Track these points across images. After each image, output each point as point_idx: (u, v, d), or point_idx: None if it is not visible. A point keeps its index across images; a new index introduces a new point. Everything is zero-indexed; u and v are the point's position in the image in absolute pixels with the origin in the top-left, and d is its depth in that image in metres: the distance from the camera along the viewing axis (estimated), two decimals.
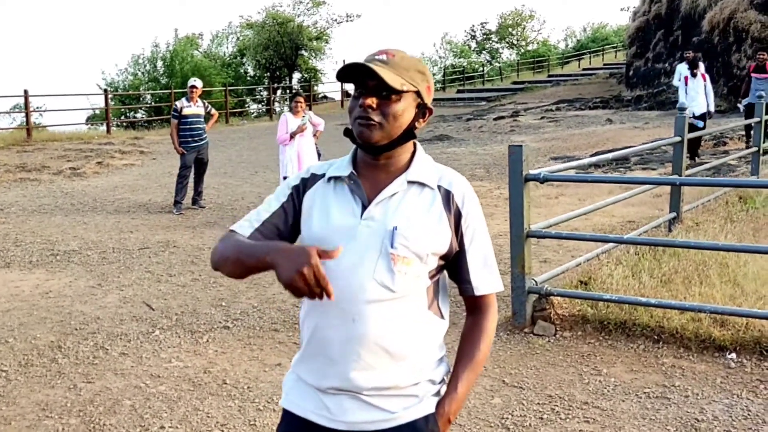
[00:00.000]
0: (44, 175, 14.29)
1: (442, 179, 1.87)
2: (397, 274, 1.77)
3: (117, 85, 35.88)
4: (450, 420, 1.85)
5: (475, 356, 1.88)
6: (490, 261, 1.90)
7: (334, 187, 1.87)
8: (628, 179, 8.73)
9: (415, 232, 1.78)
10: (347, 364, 1.78)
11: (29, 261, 7.73)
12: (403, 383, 1.81)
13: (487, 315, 1.91)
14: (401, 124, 1.81)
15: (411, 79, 1.81)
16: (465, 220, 1.85)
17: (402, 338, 1.79)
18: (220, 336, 5.36)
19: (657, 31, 28.18)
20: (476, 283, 1.88)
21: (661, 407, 4.05)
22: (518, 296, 5.33)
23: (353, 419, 1.80)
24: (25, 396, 4.39)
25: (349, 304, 1.77)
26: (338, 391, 1.80)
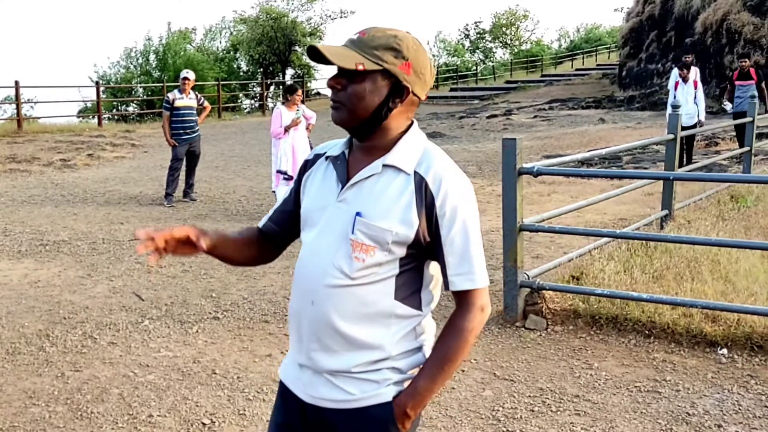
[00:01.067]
0: (34, 166, 14.21)
1: (420, 165, 1.76)
2: (354, 261, 1.73)
3: (109, 77, 35.75)
4: (407, 413, 1.78)
5: (443, 355, 1.77)
6: (470, 255, 1.77)
7: (327, 166, 1.88)
8: (622, 173, 8.76)
9: (378, 219, 1.72)
10: (310, 343, 1.81)
11: (18, 251, 7.67)
12: (362, 368, 1.78)
13: (465, 313, 1.79)
14: (367, 105, 1.73)
15: (377, 57, 1.72)
16: (439, 209, 1.74)
17: (360, 325, 1.75)
18: (209, 327, 5.32)
19: (650, 32, 28.27)
20: (452, 278, 1.77)
21: (652, 401, 4.04)
22: (510, 290, 5.32)
23: (317, 395, 1.82)
24: (12, 384, 4.34)
25: (311, 286, 1.79)
26: (306, 367, 1.84)
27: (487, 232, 8.43)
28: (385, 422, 1.78)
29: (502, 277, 5.61)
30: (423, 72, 1.79)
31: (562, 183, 11.75)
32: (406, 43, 1.76)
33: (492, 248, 7.60)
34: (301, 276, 1.83)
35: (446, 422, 3.84)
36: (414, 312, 1.80)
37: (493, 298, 5.87)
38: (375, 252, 1.73)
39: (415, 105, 1.83)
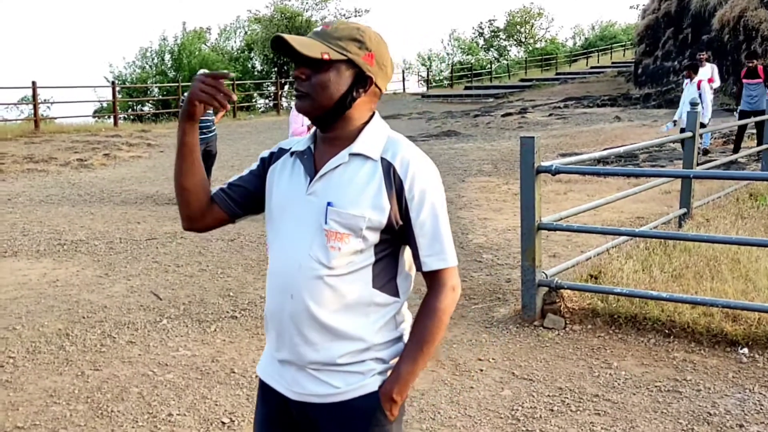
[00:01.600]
0: (52, 166, 14.30)
1: (387, 151, 1.81)
2: (330, 251, 1.76)
3: (125, 77, 35.94)
4: (393, 399, 1.81)
5: (421, 337, 1.81)
6: (440, 235, 1.81)
7: (293, 162, 1.90)
8: (641, 171, 8.70)
9: (349, 207, 1.75)
10: (291, 338, 1.82)
11: (36, 250, 7.72)
12: (346, 360, 1.80)
13: (439, 294, 1.82)
14: (331, 94, 1.77)
15: (341, 48, 1.76)
16: (408, 193, 1.77)
17: (341, 315, 1.78)
18: (227, 326, 5.33)
19: (666, 29, 28.07)
20: (424, 259, 1.81)
21: (673, 401, 4.01)
22: (528, 289, 5.29)
23: (302, 390, 1.83)
24: (33, 382, 4.37)
25: (288, 280, 1.80)
26: (288, 363, 1.85)
27: (503, 231, 8.41)
28: (372, 412, 1.82)
29: (519, 276, 5.59)
30: (385, 64, 1.84)
31: (578, 182, 11.70)
32: (369, 35, 1.81)
33: (509, 247, 7.59)
34: (277, 271, 1.85)
35: (465, 422, 3.83)
36: (392, 299, 1.84)
37: (510, 297, 5.86)
38: (350, 239, 1.76)
39: (377, 97, 1.87)
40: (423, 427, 3.77)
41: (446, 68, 55.40)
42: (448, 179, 12.29)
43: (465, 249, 7.59)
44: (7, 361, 4.70)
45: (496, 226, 8.69)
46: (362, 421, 1.81)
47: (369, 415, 1.81)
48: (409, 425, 3.80)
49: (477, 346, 4.89)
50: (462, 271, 6.73)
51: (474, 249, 7.59)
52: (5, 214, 9.70)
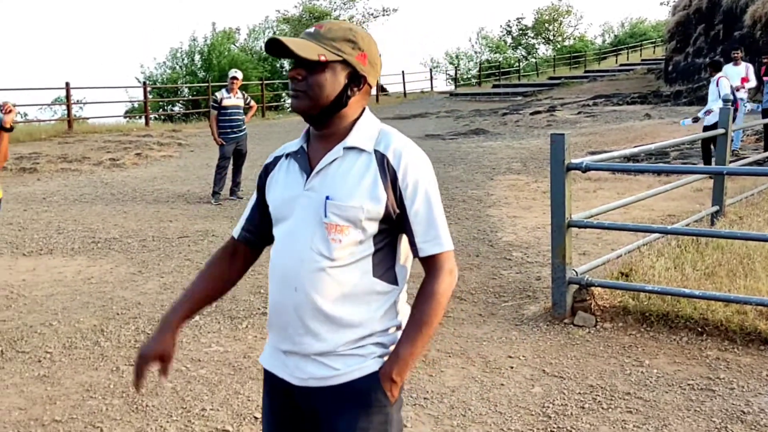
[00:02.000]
0: (85, 165, 14.52)
1: (379, 143, 1.87)
2: (331, 243, 1.82)
3: (155, 78, 36.28)
4: (393, 379, 1.85)
5: (419, 319, 1.86)
6: (435, 221, 1.87)
7: (288, 163, 1.96)
8: (673, 168, 8.62)
9: (347, 199, 1.81)
10: (295, 330, 1.87)
11: (71, 248, 7.85)
12: (348, 347, 1.86)
13: (436, 277, 1.87)
14: (328, 93, 1.83)
15: (336, 49, 1.82)
16: (402, 182, 1.83)
17: (344, 306, 1.84)
18: (258, 322, 5.39)
19: (698, 26, 27.72)
20: (421, 245, 1.87)
21: (706, 399, 3.98)
22: (558, 287, 5.28)
23: (304, 375, 1.89)
24: (70, 377, 4.46)
25: (291, 274, 1.85)
26: (292, 353, 1.90)
27: (533, 228, 8.38)
28: (372, 392, 1.86)
29: (549, 273, 5.57)
30: (375, 63, 1.91)
31: (608, 179, 11.62)
32: (361, 35, 1.88)
33: (538, 245, 7.56)
34: (279, 266, 1.90)
35: (496, 418, 3.83)
36: (391, 287, 1.89)
37: (540, 294, 5.85)
38: (349, 231, 1.81)
39: (369, 93, 1.94)
40: (453, 424, 3.79)
41: (474, 67, 55.23)
42: (477, 177, 12.27)
43: (494, 247, 7.58)
44: (44, 356, 4.80)
45: (525, 224, 8.66)
46: (362, 402, 1.86)
47: (369, 395, 1.86)
48: (440, 421, 3.81)
49: (507, 344, 4.89)
50: (492, 269, 6.73)
51: (503, 247, 7.58)
52: (41, 213, 9.88)
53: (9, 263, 7.21)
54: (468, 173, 12.75)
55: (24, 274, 6.81)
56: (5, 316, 5.57)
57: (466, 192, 10.92)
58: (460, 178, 12.21)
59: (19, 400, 4.14)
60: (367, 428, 1.86)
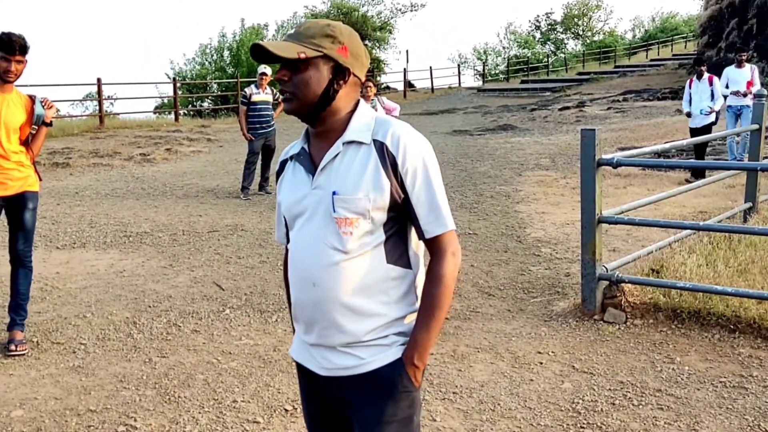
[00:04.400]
0: (116, 160, 14.69)
1: (377, 132, 1.90)
2: (343, 236, 1.86)
3: (185, 74, 36.53)
4: (415, 364, 1.90)
5: (431, 304, 1.90)
6: (436, 202, 1.90)
7: (293, 165, 2.02)
8: (705, 164, 8.51)
9: (353, 192, 1.85)
10: (318, 324, 1.92)
11: (103, 242, 7.96)
12: (371, 336, 1.91)
13: (441, 259, 1.92)
14: (314, 90, 1.87)
15: (315, 45, 1.86)
16: (402, 167, 1.87)
17: (363, 295, 1.88)
18: (288, 316, 5.42)
19: (730, 20, 27.32)
20: (424, 226, 1.91)
21: (739, 397, 3.94)
22: (588, 283, 5.26)
23: (330, 365, 1.94)
24: (104, 368, 4.53)
25: (309, 271, 1.90)
26: (318, 346, 1.96)
27: (562, 225, 8.34)
28: (398, 378, 1.91)
29: (579, 270, 5.55)
30: (359, 54, 1.94)
31: (638, 176, 11.52)
32: (339, 29, 1.91)
33: (568, 241, 7.53)
34: (296, 264, 1.95)
35: (525, 413, 3.83)
36: (406, 271, 1.94)
37: (570, 291, 5.82)
38: (359, 222, 1.86)
39: (358, 86, 1.98)
40: (483, 418, 3.79)
41: (502, 62, 54.95)
42: (505, 173, 12.23)
43: (523, 243, 7.56)
44: (78, 347, 4.88)
45: (554, 220, 8.62)
46: (389, 388, 1.91)
47: (395, 381, 1.91)
48: (469, 416, 3.82)
49: (536, 339, 4.88)
50: (520, 265, 6.71)
51: (532, 243, 7.55)
52: (73, 207, 10.03)
53: (43, 256, 7.33)
54: (496, 169, 12.71)
55: (58, 267, 6.92)
56: (40, 308, 5.67)
57: (494, 188, 10.88)
58: (488, 174, 12.18)
59: (54, 390, 4.22)
60: (394, 413, 1.92)
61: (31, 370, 4.49)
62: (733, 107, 11.65)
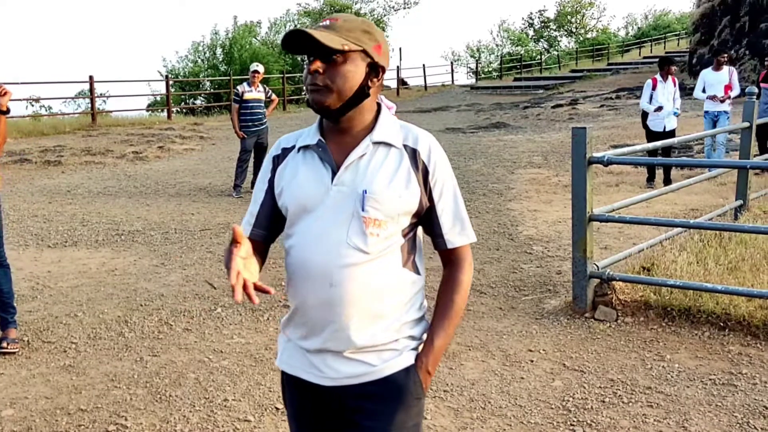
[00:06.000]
0: (108, 158, 14.65)
1: (407, 138, 1.89)
2: (369, 237, 1.81)
3: (177, 72, 36.46)
4: (429, 371, 1.89)
5: (450, 309, 1.91)
6: (461, 214, 1.93)
7: (303, 156, 1.91)
8: (696, 162, 8.53)
9: (385, 193, 1.81)
10: (328, 326, 1.84)
11: (95, 240, 7.95)
12: (384, 339, 1.85)
13: (461, 268, 1.93)
14: (351, 85, 1.82)
15: (355, 39, 1.82)
16: (432, 176, 1.87)
17: (379, 298, 1.83)
18: (280, 314, 5.42)
19: (723, 18, 27.39)
20: (448, 237, 1.91)
21: (728, 394, 3.96)
22: (579, 281, 5.27)
23: (337, 375, 1.86)
24: (94, 367, 4.52)
25: (326, 270, 1.81)
26: (322, 351, 1.87)
27: (553, 222, 8.36)
28: (410, 386, 1.87)
29: (570, 267, 5.56)
30: (387, 53, 1.93)
31: (630, 173, 11.55)
32: (374, 27, 1.89)
33: (559, 239, 7.54)
34: (309, 262, 1.83)
35: (516, 411, 3.84)
36: (416, 276, 1.91)
37: (561, 288, 5.84)
38: (387, 225, 1.82)
39: (382, 87, 1.95)
40: (473, 416, 3.80)
41: (495, 60, 54.99)
42: (498, 171, 12.24)
43: (515, 241, 7.57)
44: (69, 346, 4.87)
45: (546, 217, 8.64)
46: (400, 395, 1.86)
47: (408, 388, 1.87)
48: (459, 414, 3.83)
49: (527, 337, 4.89)
50: (512, 263, 6.73)
51: (524, 241, 7.56)
52: (65, 205, 10.00)
53: (34, 255, 7.31)
54: (488, 167, 12.72)
55: (49, 266, 6.90)
56: (31, 307, 5.66)
57: (486, 186, 10.89)
58: (481, 172, 12.19)
59: (45, 389, 4.21)
60: (405, 421, 1.86)
61: (21, 369, 4.49)
62: (710, 113, 10.88)
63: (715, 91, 10.74)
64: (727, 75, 10.75)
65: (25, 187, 11.54)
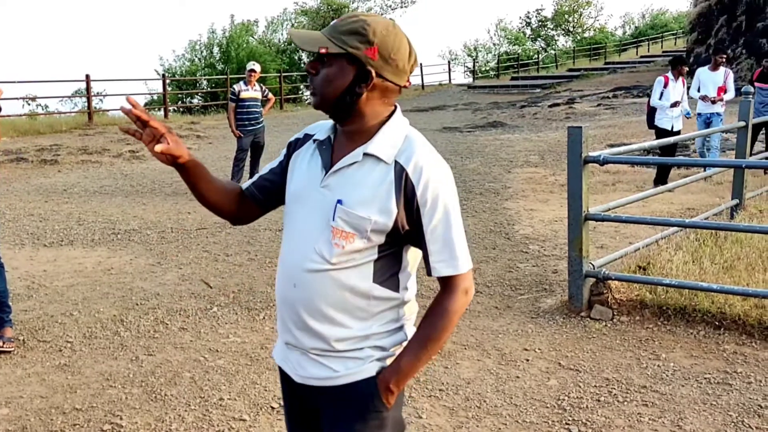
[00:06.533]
0: (105, 157, 14.64)
1: (401, 154, 1.77)
2: (334, 247, 1.77)
3: (174, 70, 36.45)
4: (390, 389, 1.82)
5: (426, 333, 1.80)
6: (452, 242, 1.78)
7: (313, 150, 1.91)
8: (692, 161, 8.55)
9: (357, 208, 1.75)
10: (293, 323, 1.86)
11: (91, 239, 7.94)
12: (345, 347, 1.83)
13: (449, 296, 1.81)
14: (334, 89, 1.76)
15: (342, 41, 1.74)
16: (421, 197, 1.75)
17: (341, 306, 1.80)
18: (275, 313, 5.41)
19: (719, 17, 27.43)
20: (434, 264, 1.79)
21: (723, 393, 3.97)
22: (575, 280, 5.27)
23: (304, 373, 1.88)
24: (90, 366, 4.52)
25: (292, 270, 1.84)
26: (292, 347, 1.90)
27: (550, 221, 8.36)
28: (369, 397, 1.83)
29: (566, 267, 5.57)
30: (394, 57, 1.78)
31: (626, 172, 11.56)
32: (374, 27, 1.75)
33: (555, 238, 7.55)
34: (284, 260, 1.89)
35: (511, 410, 3.85)
36: (392, 294, 1.84)
37: (557, 288, 5.84)
38: (354, 239, 1.76)
39: (393, 91, 1.82)
40: (468, 415, 3.81)
41: (493, 59, 54.98)
42: (494, 170, 12.25)
43: (511, 240, 7.58)
44: (65, 345, 4.86)
45: (542, 217, 8.64)
46: (358, 406, 1.84)
47: (366, 400, 1.83)
48: (455, 413, 3.83)
49: (523, 337, 4.89)
50: (508, 262, 6.73)
51: (520, 240, 7.57)
52: (61, 204, 9.99)
53: (30, 254, 7.30)
54: (485, 166, 12.72)
55: (45, 265, 6.89)
56: (27, 306, 5.65)
57: (483, 185, 10.90)
58: (478, 171, 12.19)
59: (40, 388, 4.21)
60: (362, 431, 1.85)
61: (17, 369, 4.48)
62: (703, 115, 10.66)
63: (707, 91, 10.54)
64: (723, 76, 10.59)
65: (22, 186, 11.52)
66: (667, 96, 10.06)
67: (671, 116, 10.04)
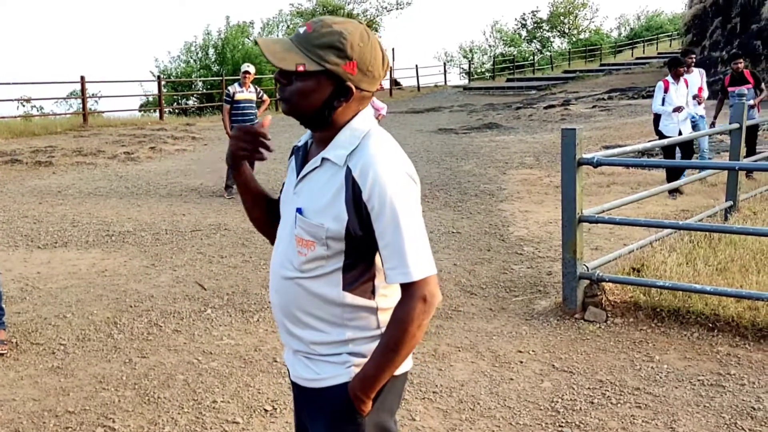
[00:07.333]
0: (100, 159, 14.61)
1: (353, 156, 1.72)
2: (299, 256, 1.79)
3: (170, 72, 36.38)
4: (358, 396, 1.78)
5: (385, 343, 1.75)
6: (401, 248, 1.69)
7: (294, 157, 1.94)
8: (687, 163, 8.55)
9: (312, 216, 1.75)
10: (280, 325, 1.92)
11: (86, 241, 7.92)
12: (324, 351, 1.84)
13: (403, 304, 1.72)
14: (310, 103, 1.72)
15: (319, 57, 1.68)
16: (368, 202, 1.68)
17: (314, 314, 1.81)
18: (270, 316, 5.41)
19: (714, 19, 27.49)
20: (386, 272, 1.73)
21: (716, 395, 3.97)
22: (569, 282, 5.28)
23: (295, 373, 1.92)
24: (83, 369, 4.50)
25: (273, 276, 1.90)
26: (287, 347, 1.95)
27: (544, 223, 8.37)
28: (344, 403, 1.82)
29: (560, 268, 5.57)
30: (371, 69, 1.74)
31: (621, 174, 11.57)
32: (352, 40, 1.70)
33: (550, 240, 7.55)
34: (271, 264, 1.93)
35: (505, 413, 3.84)
36: (366, 302, 1.80)
37: (551, 289, 5.84)
38: (315, 247, 1.76)
39: (367, 98, 1.80)
40: (462, 418, 3.80)
41: (488, 60, 55.08)
42: (489, 171, 12.25)
43: (506, 241, 7.58)
44: (58, 347, 4.85)
45: (537, 218, 8.65)
46: (333, 410, 1.84)
47: (340, 405, 1.82)
48: (449, 415, 3.83)
49: (517, 338, 4.89)
50: (503, 264, 6.73)
51: (515, 241, 7.57)
52: (56, 206, 9.96)
53: (24, 256, 7.28)
54: (480, 167, 12.73)
55: (39, 267, 6.87)
56: (20, 308, 5.64)
57: (478, 186, 10.90)
58: (473, 173, 12.20)
59: (33, 391, 4.19)
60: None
61: (9, 371, 4.47)
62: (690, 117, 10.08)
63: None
64: (699, 77, 10.28)
65: (16, 188, 11.49)
66: (670, 100, 9.70)
67: (677, 121, 9.64)
